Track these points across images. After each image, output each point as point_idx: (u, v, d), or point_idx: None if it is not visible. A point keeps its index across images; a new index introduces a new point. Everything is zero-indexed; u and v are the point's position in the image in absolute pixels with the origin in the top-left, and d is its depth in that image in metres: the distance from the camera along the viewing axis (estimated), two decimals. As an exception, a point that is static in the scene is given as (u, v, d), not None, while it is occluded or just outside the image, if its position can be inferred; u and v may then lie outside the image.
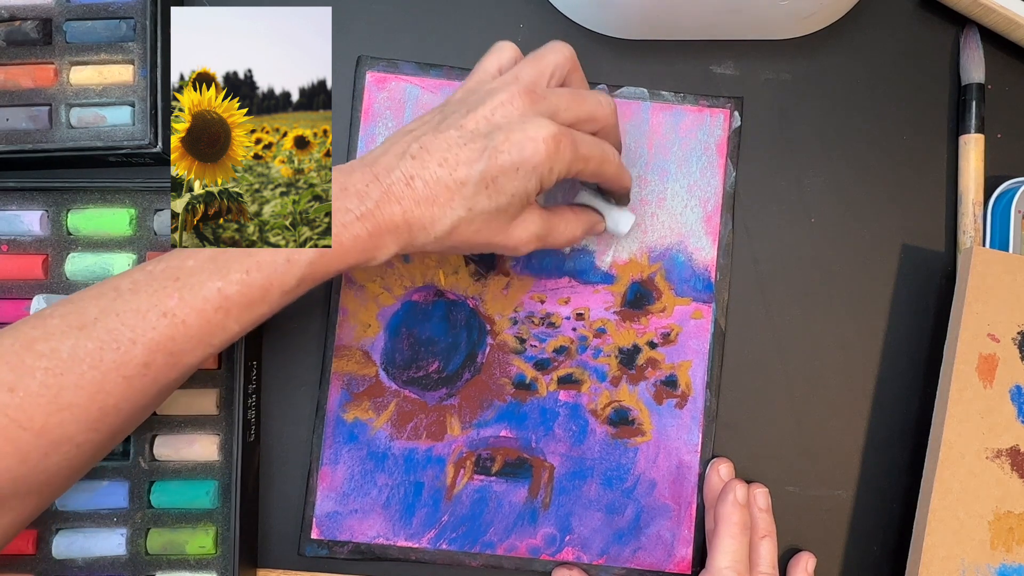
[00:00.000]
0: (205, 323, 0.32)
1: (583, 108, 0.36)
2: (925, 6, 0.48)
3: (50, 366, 0.30)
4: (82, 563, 0.42)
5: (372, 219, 0.33)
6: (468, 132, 0.34)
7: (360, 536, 0.44)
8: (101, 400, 0.31)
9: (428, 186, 0.34)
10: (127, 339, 0.31)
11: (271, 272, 0.33)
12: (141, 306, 0.31)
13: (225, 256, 0.32)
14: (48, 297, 0.39)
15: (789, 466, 0.45)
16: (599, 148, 0.37)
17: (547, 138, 0.34)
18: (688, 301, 0.45)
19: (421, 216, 0.34)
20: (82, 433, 0.31)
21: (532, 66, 0.37)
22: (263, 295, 0.33)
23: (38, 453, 0.31)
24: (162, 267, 0.33)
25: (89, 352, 0.31)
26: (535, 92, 0.35)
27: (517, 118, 0.34)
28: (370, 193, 0.34)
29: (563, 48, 0.37)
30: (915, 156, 0.47)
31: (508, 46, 0.38)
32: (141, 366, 0.31)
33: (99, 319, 0.31)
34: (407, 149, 0.34)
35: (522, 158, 0.34)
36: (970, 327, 0.41)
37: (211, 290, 0.32)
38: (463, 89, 0.37)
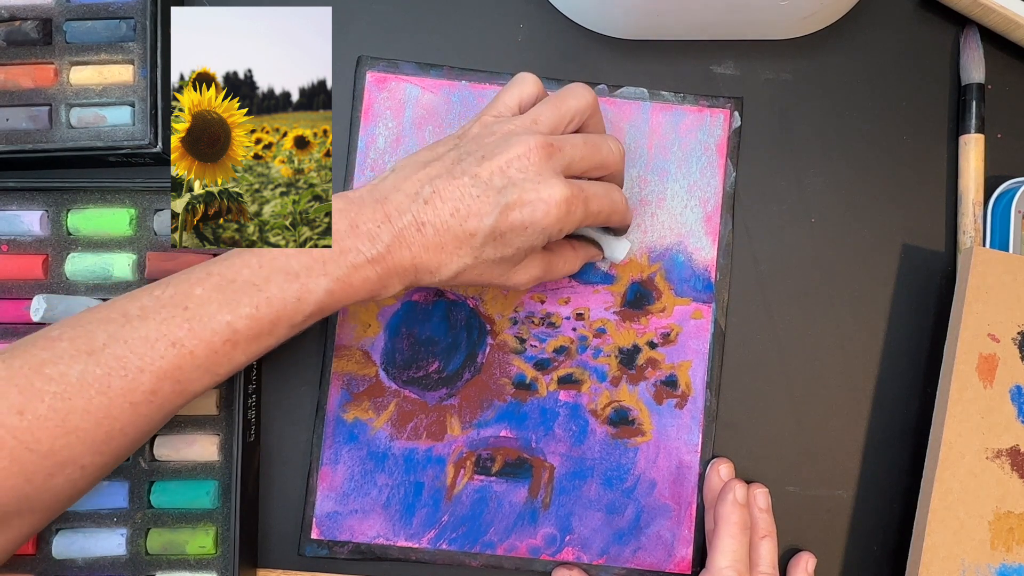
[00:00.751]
0: (212, 354, 0.32)
1: (596, 157, 0.37)
2: (925, 6, 0.48)
3: (59, 390, 0.31)
4: (82, 563, 0.42)
5: (383, 263, 0.34)
6: (483, 182, 0.34)
7: (360, 536, 0.44)
8: (107, 425, 0.31)
9: (438, 234, 0.34)
10: (135, 367, 0.31)
11: (280, 308, 0.33)
12: (150, 334, 0.32)
13: (235, 288, 0.32)
14: (48, 297, 0.39)
15: (789, 466, 0.45)
16: (609, 202, 0.37)
17: (560, 202, 0.34)
18: (688, 301, 0.45)
19: (429, 261, 0.34)
20: (87, 456, 0.32)
21: (552, 111, 0.37)
22: (271, 329, 0.33)
23: (43, 474, 0.31)
24: (170, 293, 0.33)
25: (97, 378, 0.31)
26: (551, 146, 0.35)
27: (532, 175, 0.34)
28: (381, 236, 0.34)
29: (585, 94, 0.37)
30: (915, 156, 0.47)
31: (530, 80, 0.38)
32: (148, 393, 0.32)
33: (108, 345, 0.31)
34: (420, 191, 0.34)
35: (533, 219, 0.34)
36: (970, 327, 0.41)
37: (220, 323, 0.32)
38: (480, 122, 0.37)
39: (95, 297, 0.43)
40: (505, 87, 0.39)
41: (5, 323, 0.43)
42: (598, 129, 0.39)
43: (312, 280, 0.33)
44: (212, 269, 0.33)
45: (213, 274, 0.33)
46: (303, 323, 0.34)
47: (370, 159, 0.46)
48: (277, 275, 0.33)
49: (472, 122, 0.38)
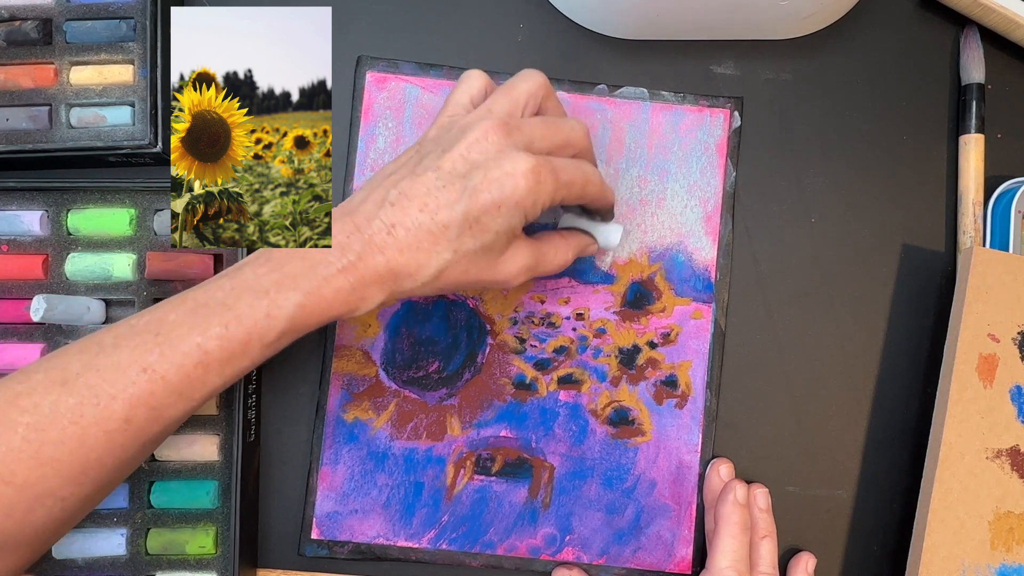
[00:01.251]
0: (185, 378, 0.32)
1: (558, 135, 0.36)
2: (925, 6, 0.48)
3: (32, 421, 0.30)
4: (82, 563, 0.42)
5: (355, 271, 0.33)
6: (446, 173, 0.34)
7: (360, 536, 0.44)
8: (83, 455, 0.31)
9: (410, 233, 0.33)
10: (107, 395, 0.31)
11: (251, 326, 0.32)
12: (122, 361, 0.31)
13: (206, 311, 0.32)
14: (48, 297, 0.39)
15: (789, 466, 0.45)
16: (580, 171, 0.36)
17: (526, 172, 0.33)
18: (688, 301, 0.45)
19: (406, 264, 0.34)
20: (65, 487, 0.31)
21: (505, 97, 0.36)
22: (243, 349, 0.32)
23: (22, 507, 0.31)
24: (144, 321, 0.32)
25: (70, 407, 0.31)
26: (509, 124, 0.34)
27: (494, 154, 0.34)
28: (351, 245, 0.33)
29: (535, 76, 0.37)
30: (915, 156, 0.47)
31: (477, 75, 0.38)
32: (122, 421, 0.31)
33: (81, 374, 0.31)
34: (386, 196, 0.34)
35: (503, 195, 0.33)
36: (970, 327, 0.41)
37: (191, 345, 0.32)
38: (436, 125, 0.37)
39: (95, 297, 0.43)
40: (454, 88, 0.38)
41: (5, 323, 0.43)
42: (556, 112, 0.39)
43: (282, 295, 0.32)
44: (188, 295, 0.33)
45: (187, 299, 0.33)
46: (277, 341, 0.33)
47: (370, 159, 0.46)
48: (247, 294, 0.32)
49: (429, 128, 0.37)
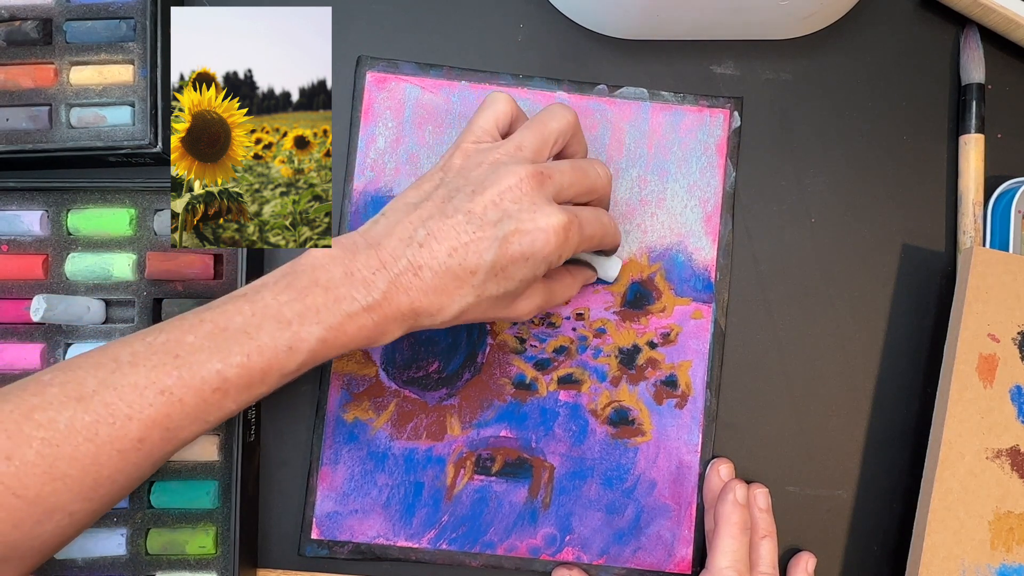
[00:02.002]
0: (202, 402, 0.32)
1: (585, 183, 0.37)
2: (925, 6, 0.48)
3: (47, 436, 0.30)
4: (82, 563, 0.42)
5: (379, 310, 0.33)
6: (477, 218, 0.34)
7: (360, 536, 0.44)
8: (95, 472, 0.31)
9: (437, 276, 0.34)
10: (123, 415, 0.31)
11: (271, 357, 0.32)
12: (139, 382, 0.31)
13: (225, 336, 0.32)
14: (48, 297, 0.39)
15: (789, 466, 0.45)
16: (600, 226, 0.37)
17: (557, 229, 0.34)
18: (688, 301, 0.45)
19: (429, 305, 0.34)
20: (75, 503, 0.31)
21: (535, 135, 0.36)
22: (262, 378, 0.32)
23: (31, 520, 0.31)
24: (162, 340, 0.32)
25: (86, 425, 0.31)
26: (542, 174, 0.35)
27: (527, 205, 0.34)
28: (377, 283, 0.33)
29: (566, 114, 0.37)
30: (915, 156, 0.47)
31: (502, 100, 0.38)
32: (136, 441, 0.31)
33: (97, 391, 0.31)
34: (414, 235, 0.34)
35: (533, 250, 0.34)
36: (970, 327, 0.41)
37: (210, 371, 0.31)
38: (461, 152, 0.36)
39: (95, 297, 0.43)
40: (478, 110, 0.38)
41: (5, 323, 0.43)
42: (580, 148, 0.39)
43: (305, 328, 0.32)
44: (205, 316, 0.33)
45: (206, 321, 0.32)
46: (295, 371, 0.33)
47: (370, 159, 0.46)
48: (269, 323, 0.32)
49: (452, 151, 0.37)
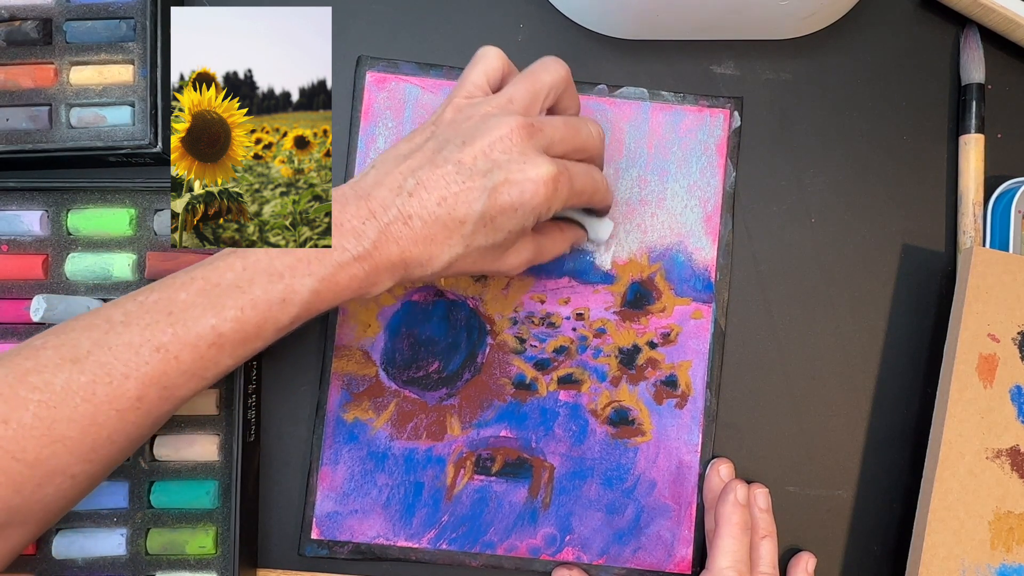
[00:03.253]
0: (198, 358, 0.32)
1: (576, 140, 0.37)
2: (925, 6, 0.48)
3: (43, 399, 0.30)
4: (82, 563, 0.42)
5: (370, 259, 0.33)
6: (466, 168, 0.34)
7: (360, 536, 0.44)
8: (94, 432, 0.31)
9: (427, 225, 0.34)
10: (120, 373, 0.31)
11: (266, 310, 0.32)
12: (134, 340, 0.31)
13: (219, 292, 0.32)
14: (48, 297, 0.39)
15: (789, 466, 0.45)
16: (591, 180, 0.37)
17: (547, 180, 0.34)
18: (688, 301, 0.45)
19: (419, 255, 0.34)
20: (76, 464, 0.31)
21: (527, 88, 0.36)
22: (257, 332, 0.33)
23: (32, 484, 0.31)
24: (154, 298, 0.32)
25: (82, 385, 0.31)
26: (532, 126, 0.34)
27: (516, 155, 0.34)
28: (367, 232, 0.33)
29: (558, 67, 0.37)
30: (915, 156, 0.47)
31: (494, 54, 0.38)
32: (134, 400, 0.31)
33: (92, 352, 0.31)
34: (403, 184, 0.34)
35: (522, 200, 0.34)
36: (970, 327, 0.41)
37: (205, 327, 0.32)
38: (452, 107, 0.36)
39: (95, 297, 0.43)
40: (469, 65, 0.38)
41: (5, 323, 0.43)
42: (573, 103, 0.39)
43: (297, 280, 0.32)
44: (196, 273, 0.33)
45: (197, 278, 0.32)
46: (290, 324, 0.33)
47: (370, 159, 0.46)
48: (261, 276, 0.32)
49: (444, 106, 0.37)
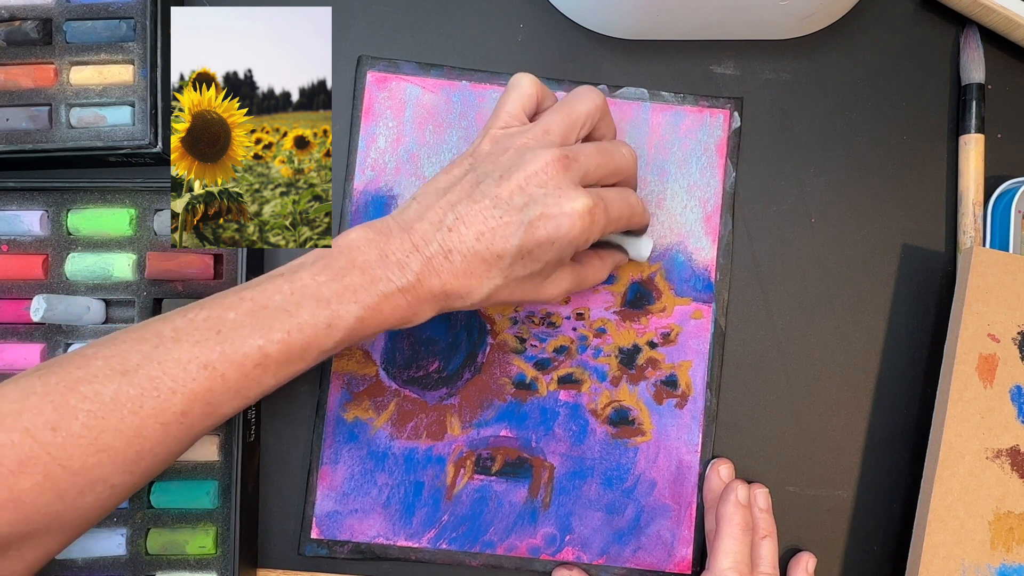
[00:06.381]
0: (243, 377, 0.33)
1: (611, 164, 0.37)
2: (925, 6, 0.48)
3: (92, 408, 0.31)
4: (82, 563, 0.42)
5: (413, 291, 0.34)
6: (503, 203, 0.34)
7: (360, 536, 0.44)
8: (138, 444, 0.32)
9: (466, 260, 0.34)
10: (167, 388, 0.32)
11: (312, 335, 0.33)
12: (182, 356, 0.32)
13: (267, 314, 0.33)
14: (48, 297, 0.39)
15: (789, 466, 0.45)
16: (627, 205, 0.38)
17: (583, 213, 0.34)
18: (688, 301, 0.45)
19: (459, 287, 0.35)
20: (117, 475, 0.32)
21: (563, 119, 0.37)
22: (301, 354, 0.33)
23: (75, 491, 0.31)
24: (203, 316, 0.33)
25: (130, 398, 0.31)
26: (567, 158, 0.35)
27: (552, 189, 0.34)
28: (411, 265, 0.34)
29: (594, 97, 0.37)
30: (915, 156, 0.47)
31: (528, 81, 0.38)
32: (179, 414, 0.32)
33: (141, 365, 0.32)
34: (443, 219, 0.35)
35: (559, 234, 0.34)
36: (970, 327, 0.41)
37: (252, 347, 0.32)
38: (489, 138, 0.37)
39: (95, 297, 0.43)
40: (504, 94, 0.38)
41: (5, 323, 0.43)
42: (608, 131, 0.39)
43: (343, 307, 0.33)
44: (244, 294, 0.33)
45: (245, 299, 0.33)
46: (333, 349, 0.34)
47: (370, 159, 0.46)
48: (308, 301, 0.33)
49: (481, 138, 0.37)
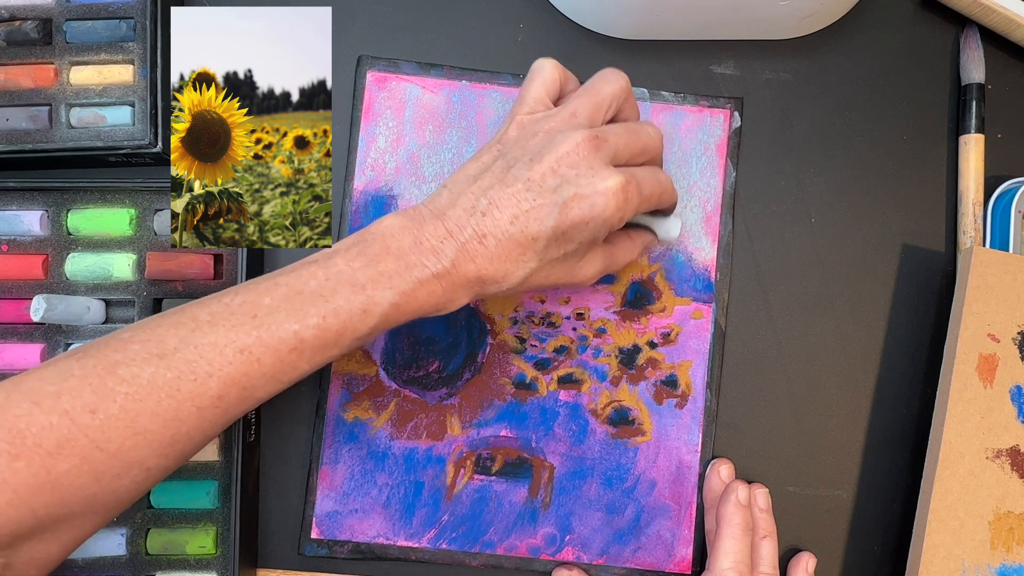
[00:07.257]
0: (279, 362, 0.33)
1: (639, 143, 0.37)
2: (925, 6, 0.48)
3: (130, 391, 0.31)
4: (82, 563, 0.42)
5: (448, 277, 0.34)
6: (536, 185, 0.34)
7: (360, 536, 0.44)
8: (174, 428, 0.32)
9: (501, 244, 0.34)
10: (204, 372, 0.32)
11: (347, 319, 0.33)
12: (219, 340, 0.32)
13: (302, 299, 0.33)
14: (48, 297, 0.39)
15: (789, 466, 0.45)
16: (658, 183, 0.38)
17: (616, 191, 0.34)
18: (688, 301, 0.45)
19: (495, 272, 0.35)
20: (153, 458, 0.32)
21: (589, 101, 0.37)
22: (337, 339, 0.33)
23: (111, 474, 0.31)
24: (239, 301, 0.33)
25: (168, 381, 0.31)
26: (597, 138, 0.35)
27: (584, 169, 0.34)
28: (445, 251, 0.34)
29: (619, 79, 0.38)
30: (915, 156, 0.47)
31: (551, 65, 0.38)
32: (215, 398, 0.32)
33: (178, 349, 0.32)
34: (476, 204, 0.35)
35: (593, 213, 0.34)
36: (970, 327, 0.41)
37: (288, 332, 0.32)
38: (516, 124, 0.37)
39: (95, 297, 0.43)
40: (527, 80, 0.38)
41: (5, 323, 0.43)
42: (632, 112, 0.39)
43: (378, 292, 0.33)
44: (279, 280, 0.34)
45: (281, 284, 0.33)
46: (368, 335, 0.34)
47: (370, 158, 0.46)
48: (343, 287, 0.33)
49: (507, 124, 0.37)
